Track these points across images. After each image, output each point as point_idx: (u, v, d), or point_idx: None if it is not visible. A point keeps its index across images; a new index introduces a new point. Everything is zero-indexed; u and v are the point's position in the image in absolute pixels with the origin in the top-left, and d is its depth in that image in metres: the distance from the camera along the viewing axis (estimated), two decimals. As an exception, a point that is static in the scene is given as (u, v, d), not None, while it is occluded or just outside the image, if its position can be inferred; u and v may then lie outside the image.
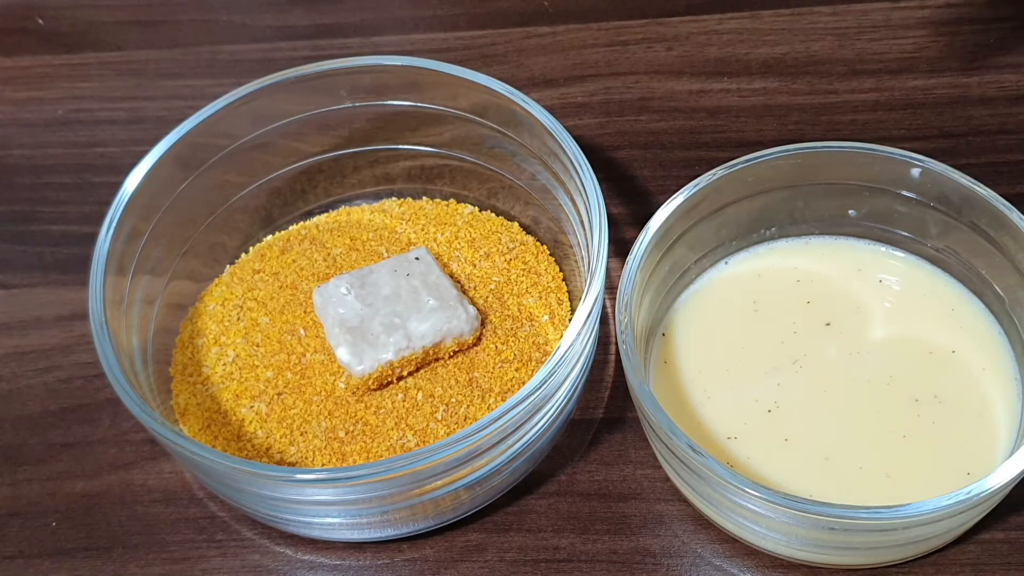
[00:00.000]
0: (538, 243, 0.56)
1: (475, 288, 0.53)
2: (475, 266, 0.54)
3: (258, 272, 0.55)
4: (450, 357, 0.51)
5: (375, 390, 0.50)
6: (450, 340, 0.50)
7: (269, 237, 0.57)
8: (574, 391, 0.49)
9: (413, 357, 0.50)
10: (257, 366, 0.51)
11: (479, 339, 0.51)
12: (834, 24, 0.67)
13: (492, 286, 0.54)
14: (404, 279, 0.52)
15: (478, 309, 0.52)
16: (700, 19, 0.68)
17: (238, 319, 0.53)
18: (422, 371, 0.51)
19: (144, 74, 0.69)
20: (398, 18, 0.70)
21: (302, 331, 0.52)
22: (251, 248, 0.57)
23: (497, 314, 0.52)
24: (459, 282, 0.54)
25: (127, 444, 0.53)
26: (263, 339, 0.52)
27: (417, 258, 0.53)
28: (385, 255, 0.54)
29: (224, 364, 0.52)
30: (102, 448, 0.53)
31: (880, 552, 0.46)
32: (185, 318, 0.54)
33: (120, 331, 0.48)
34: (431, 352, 0.50)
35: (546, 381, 0.44)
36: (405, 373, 0.50)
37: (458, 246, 0.55)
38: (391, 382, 0.50)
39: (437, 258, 0.54)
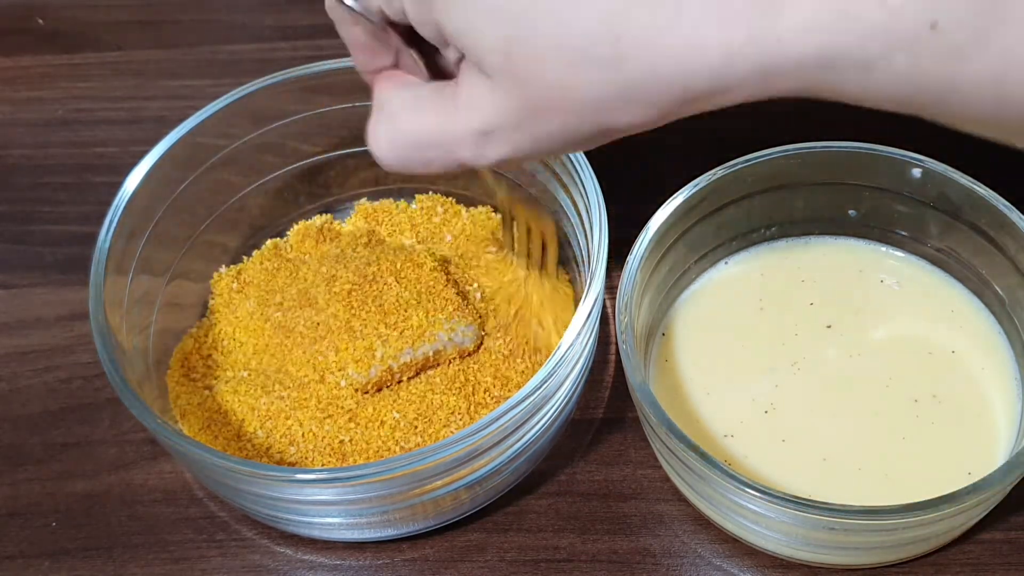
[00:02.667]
0: (538, 243, 0.56)
1: (475, 288, 0.53)
2: (475, 267, 0.54)
3: (258, 272, 0.55)
4: (455, 360, 0.51)
5: (380, 390, 0.50)
6: (451, 348, 0.50)
7: (269, 237, 0.57)
8: (574, 391, 0.49)
9: (413, 363, 0.50)
10: (258, 366, 0.51)
11: (478, 347, 0.51)
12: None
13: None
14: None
15: (478, 310, 0.52)
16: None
17: (239, 319, 0.53)
18: (428, 371, 0.51)
19: (144, 74, 0.69)
20: (398, 18, 0.70)
21: (302, 331, 0.52)
22: (251, 249, 0.57)
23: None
24: (459, 283, 0.53)
25: (127, 444, 0.53)
26: (263, 339, 0.52)
27: (426, 261, 0.53)
28: (394, 256, 0.54)
29: (224, 364, 0.52)
30: (102, 448, 0.53)
31: (880, 552, 0.46)
32: (185, 318, 0.54)
33: (120, 331, 0.48)
34: (432, 359, 0.50)
35: (546, 381, 0.44)
36: (404, 378, 0.50)
37: (458, 246, 0.55)
38: (390, 385, 0.50)
39: (437, 259, 0.54)
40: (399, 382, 0.50)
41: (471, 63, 0.36)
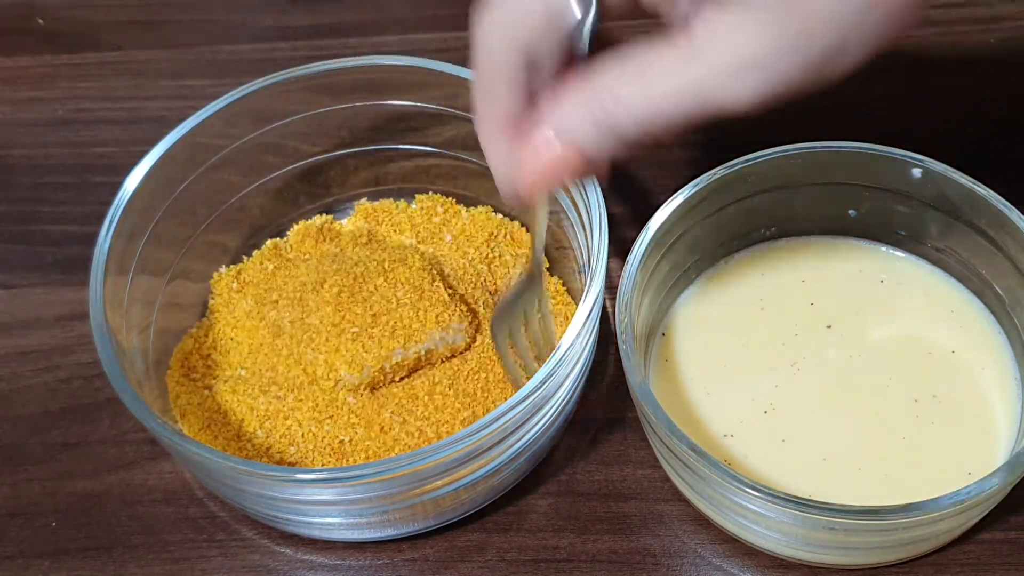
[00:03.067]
0: (538, 243, 0.56)
1: (474, 288, 0.53)
2: (474, 266, 0.54)
3: (258, 272, 0.55)
4: (448, 359, 0.51)
5: (374, 390, 0.50)
6: (443, 347, 0.50)
7: (269, 237, 0.57)
8: (574, 391, 0.48)
9: (405, 362, 0.50)
10: (257, 366, 0.51)
11: (470, 345, 0.51)
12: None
13: (492, 287, 0.54)
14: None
15: (477, 309, 0.52)
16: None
17: (237, 319, 0.53)
18: (423, 370, 0.51)
19: (144, 74, 0.69)
20: (398, 18, 0.70)
21: (301, 331, 0.52)
22: (251, 249, 0.57)
23: (497, 314, 0.52)
24: (458, 282, 0.53)
25: (127, 444, 0.53)
26: (263, 339, 0.52)
27: (415, 260, 0.53)
28: (383, 256, 0.54)
29: (224, 364, 0.52)
30: (102, 448, 0.53)
31: (880, 552, 0.46)
32: (185, 318, 0.54)
33: (120, 331, 0.48)
34: (424, 358, 0.50)
35: (546, 381, 0.44)
36: (397, 378, 0.50)
37: (458, 246, 0.55)
38: (384, 385, 0.50)
39: (436, 259, 0.54)
40: (392, 382, 0.50)
41: (711, 3, 0.36)
